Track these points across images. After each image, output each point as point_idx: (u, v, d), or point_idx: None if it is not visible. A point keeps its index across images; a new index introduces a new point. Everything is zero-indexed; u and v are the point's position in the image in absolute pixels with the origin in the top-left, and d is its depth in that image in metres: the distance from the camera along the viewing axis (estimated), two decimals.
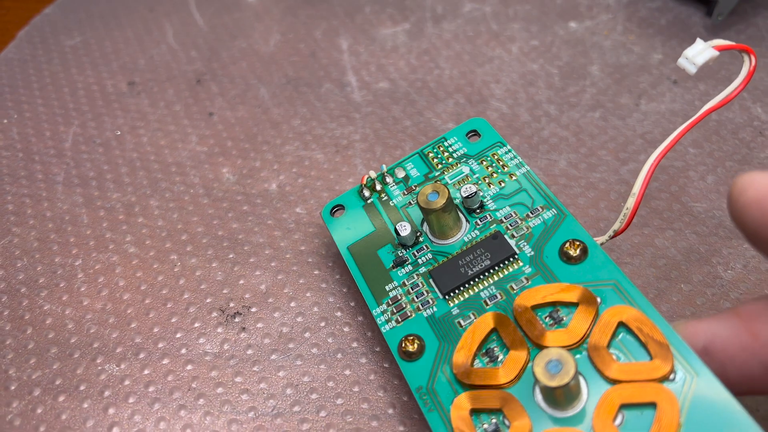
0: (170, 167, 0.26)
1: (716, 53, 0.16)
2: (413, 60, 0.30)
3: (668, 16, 0.31)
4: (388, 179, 0.21)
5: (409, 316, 0.17)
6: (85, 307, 0.21)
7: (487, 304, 0.17)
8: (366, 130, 0.27)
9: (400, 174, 0.21)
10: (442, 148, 0.21)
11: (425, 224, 0.19)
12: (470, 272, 0.17)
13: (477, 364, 0.16)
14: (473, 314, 0.17)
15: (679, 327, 0.15)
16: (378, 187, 0.21)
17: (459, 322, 0.17)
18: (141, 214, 0.24)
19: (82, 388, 0.19)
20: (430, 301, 0.17)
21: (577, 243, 0.17)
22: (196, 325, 0.21)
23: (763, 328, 0.14)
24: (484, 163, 0.20)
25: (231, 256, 0.22)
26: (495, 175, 0.20)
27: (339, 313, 0.21)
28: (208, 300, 0.21)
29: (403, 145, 0.26)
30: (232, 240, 0.23)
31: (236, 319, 0.21)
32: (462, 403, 0.15)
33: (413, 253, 0.19)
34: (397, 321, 0.17)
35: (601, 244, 0.18)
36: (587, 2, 0.32)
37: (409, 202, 0.20)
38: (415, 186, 0.20)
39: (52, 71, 0.30)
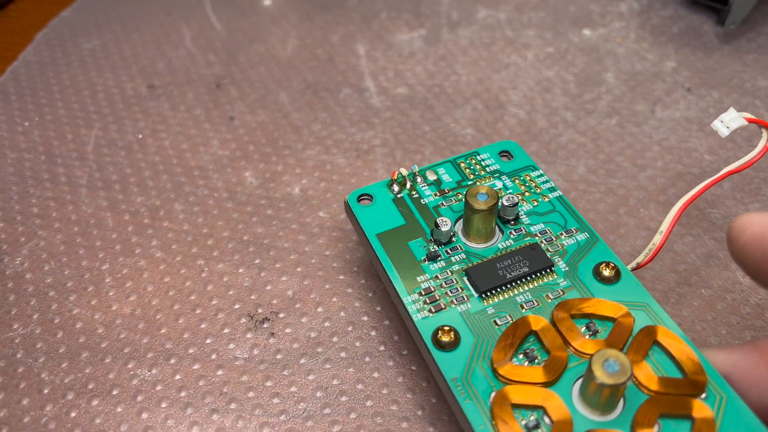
0: (193, 171, 0.26)
1: (745, 122, 0.18)
2: (430, 66, 0.30)
3: (680, 25, 0.32)
4: (419, 179, 0.21)
5: (442, 308, 0.18)
6: (114, 311, 0.21)
7: (523, 308, 0.17)
8: (386, 134, 0.27)
9: (432, 177, 0.21)
10: (474, 161, 0.22)
11: (458, 225, 0.20)
12: (508, 276, 0.18)
13: (514, 362, 0.16)
14: (509, 316, 0.17)
15: (704, 354, 0.17)
16: (408, 184, 0.21)
17: (495, 321, 0.17)
18: (166, 218, 0.24)
19: (115, 392, 0.19)
20: (465, 298, 0.18)
21: (612, 265, 0.18)
22: (226, 330, 0.21)
23: None
24: (517, 181, 0.21)
25: (257, 261, 0.23)
26: (528, 193, 0.20)
27: (365, 318, 0.21)
28: (237, 306, 0.22)
29: (423, 150, 0.26)
30: (258, 245, 0.23)
31: (265, 325, 0.21)
32: (504, 396, 0.15)
33: (446, 251, 0.19)
34: (430, 311, 0.18)
35: None
36: (600, 10, 0.33)
37: (441, 203, 0.20)
38: (448, 190, 0.21)
39: (71, 74, 0.30)
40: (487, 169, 0.21)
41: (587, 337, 0.17)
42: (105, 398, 0.19)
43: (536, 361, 0.16)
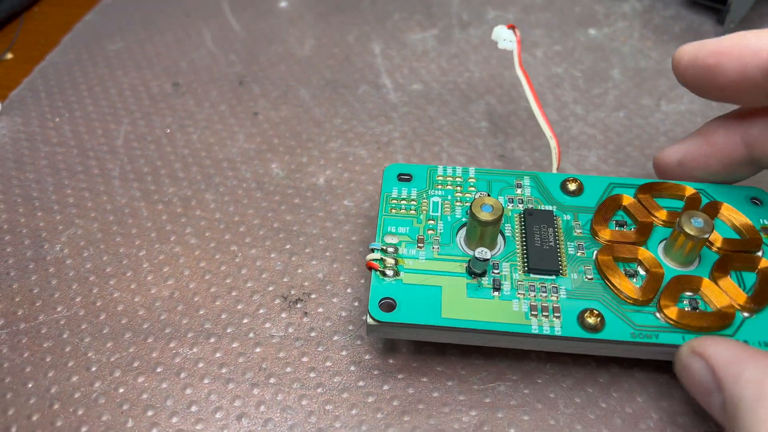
0: (221, 163, 0.27)
1: (506, 28, 0.24)
2: (444, 63, 0.32)
3: (681, 24, 0.33)
4: (390, 249, 0.20)
5: (559, 306, 0.18)
6: (154, 295, 0.22)
7: (580, 253, 0.20)
8: (404, 128, 0.28)
9: (393, 240, 0.20)
10: (395, 201, 0.21)
11: (462, 241, 0.20)
12: (553, 244, 0.19)
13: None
14: (584, 266, 0.19)
15: (658, 155, 0.22)
16: (390, 261, 0.20)
17: (587, 278, 0.19)
18: (198, 207, 0.25)
19: (159, 370, 0.20)
20: (555, 286, 0.19)
21: (570, 179, 0.21)
22: (261, 311, 0.22)
23: (718, 138, 0.21)
24: (440, 186, 0.22)
25: (288, 246, 0.24)
26: (460, 188, 0.22)
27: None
28: (270, 288, 0.23)
29: (440, 142, 0.28)
30: (288, 231, 0.24)
31: (298, 305, 0.22)
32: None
33: (494, 273, 0.19)
34: (557, 318, 0.18)
35: None
36: (604, 10, 0.34)
37: (434, 248, 0.20)
38: (420, 237, 0.20)
39: (98, 73, 0.31)
40: (411, 197, 0.21)
41: (630, 227, 0.20)
42: (150, 375, 0.20)
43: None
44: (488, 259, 0.18)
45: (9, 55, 0.32)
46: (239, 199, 0.25)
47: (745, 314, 0.18)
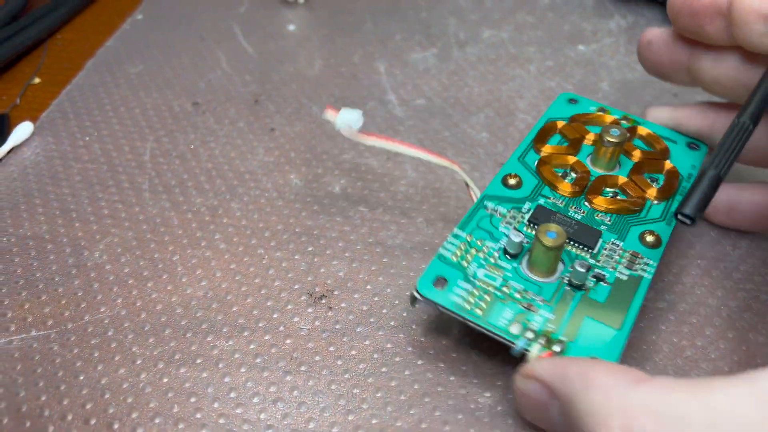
0: (244, 175, 0.29)
1: (330, 112, 0.24)
2: (444, 80, 0.34)
3: None
4: (529, 336, 0.20)
5: (631, 249, 0.22)
6: (189, 294, 0.24)
7: (583, 213, 0.23)
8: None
9: (517, 328, 0.20)
10: (460, 302, 0.21)
11: (529, 265, 0.21)
12: (572, 222, 0.23)
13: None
14: (602, 227, 0.23)
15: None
16: (542, 340, 0.19)
17: (607, 238, 0.22)
18: (225, 216, 0.27)
19: (198, 361, 0.22)
20: (612, 243, 0.22)
21: (510, 175, 0.24)
22: (289, 307, 0.24)
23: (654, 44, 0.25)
24: (457, 239, 0.22)
25: (310, 249, 0.26)
26: (470, 236, 0.22)
27: (408, 293, 0.24)
28: (297, 286, 0.25)
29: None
30: (309, 235, 0.26)
31: (323, 301, 0.24)
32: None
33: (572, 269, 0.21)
34: (621, 273, 0.21)
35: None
36: (592, 27, 0.37)
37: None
38: (528, 305, 0.20)
39: (122, 95, 0.33)
40: (458, 300, 0.21)
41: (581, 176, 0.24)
42: (191, 366, 0.22)
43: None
44: (591, 267, 0.21)
45: (37, 80, 0.34)
46: (262, 207, 0.27)
47: (654, 202, 0.24)
